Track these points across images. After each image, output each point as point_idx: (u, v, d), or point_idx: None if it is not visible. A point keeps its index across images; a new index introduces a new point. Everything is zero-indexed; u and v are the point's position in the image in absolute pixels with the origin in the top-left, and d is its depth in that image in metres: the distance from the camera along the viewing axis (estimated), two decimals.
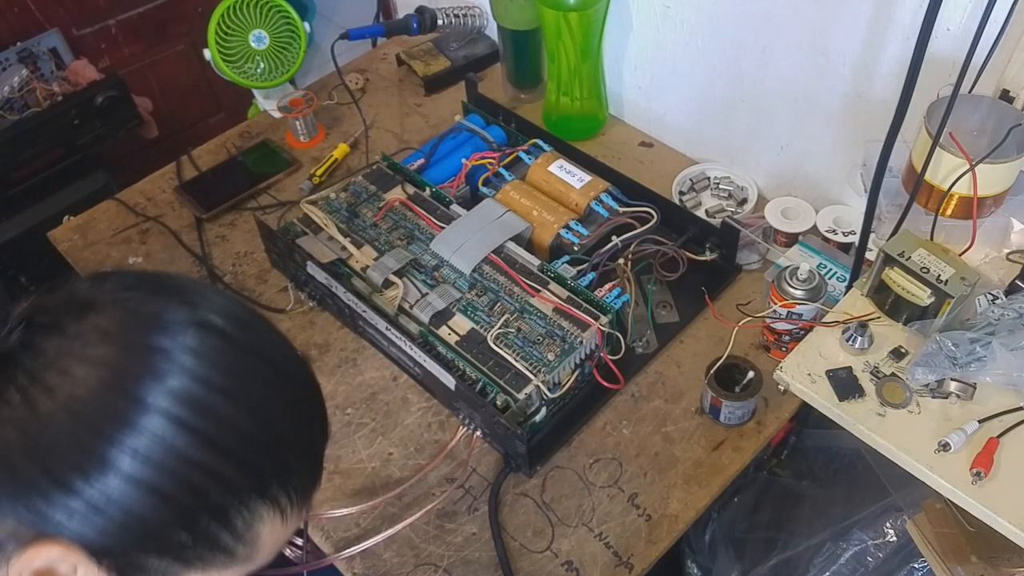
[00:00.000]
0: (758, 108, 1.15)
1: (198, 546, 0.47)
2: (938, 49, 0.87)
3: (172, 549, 0.46)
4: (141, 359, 0.45)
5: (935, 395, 0.76)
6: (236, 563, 0.50)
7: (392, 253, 1.04)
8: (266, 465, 0.48)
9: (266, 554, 0.52)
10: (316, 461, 0.54)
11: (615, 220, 1.11)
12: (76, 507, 0.44)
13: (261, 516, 0.49)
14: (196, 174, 1.31)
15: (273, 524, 0.50)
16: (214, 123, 2.11)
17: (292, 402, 0.51)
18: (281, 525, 0.51)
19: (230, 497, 0.47)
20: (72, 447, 0.44)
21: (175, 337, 0.46)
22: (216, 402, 0.46)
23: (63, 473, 0.43)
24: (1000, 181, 0.80)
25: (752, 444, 0.95)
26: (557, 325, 0.95)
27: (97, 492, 0.43)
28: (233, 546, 0.49)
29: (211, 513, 0.47)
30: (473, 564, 0.88)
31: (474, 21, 1.45)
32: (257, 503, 0.48)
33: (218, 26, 1.28)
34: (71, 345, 0.45)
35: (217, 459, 0.46)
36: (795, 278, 0.93)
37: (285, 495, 0.50)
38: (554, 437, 0.96)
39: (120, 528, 0.44)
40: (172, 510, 0.45)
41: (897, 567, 0.97)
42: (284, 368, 0.51)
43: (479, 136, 1.25)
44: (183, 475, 0.45)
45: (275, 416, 0.49)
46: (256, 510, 0.48)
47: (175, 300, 0.48)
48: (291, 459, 0.50)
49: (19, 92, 1.59)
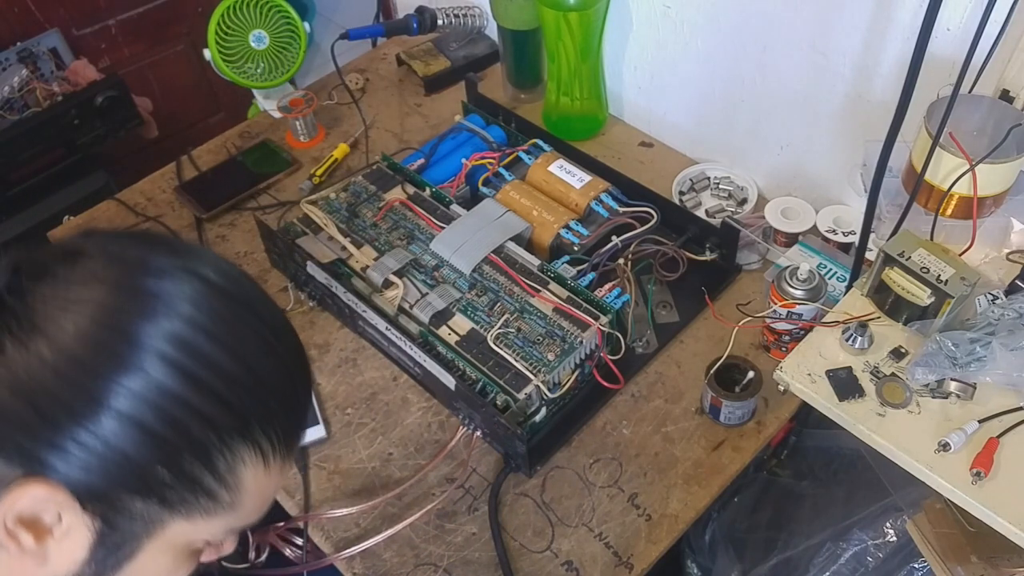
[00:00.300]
0: (758, 108, 1.15)
1: (180, 486, 0.48)
2: (938, 49, 0.87)
3: (155, 490, 0.47)
4: (134, 300, 0.46)
5: (935, 395, 0.76)
6: (220, 509, 0.50)
7: (392, 253, 1.04)
8: (248, 406, 0.49)
9: (251, 506, 0.53)
10: (298, 412, 0.54)
11: (615, 220, 1.11)
12: (62, 444, 0.44)
13: (243, 459, 0.49)
14: (196, 174, 1.31)
15: (256, 469, 0.51)
16: (214, 123, 2.11)
17: (276, 350, 0.52)
18: (264, 472, 0.51)
19: (212, 435, 0.47)
20: (61, 384, 0.44)
21: (167, 281, 0.48)
22: (204, 344, 0.47)
23: (51, 410, 0.44)
24: (1000, 181, 0.80)
25: (752, 444, 0.95)
26: (557, 325, 0.95)
27: (84, 429, 0.44)
28: (216, 489, 0.49)
29: (193, 451, 0.47)
30: (473, 564, 0.88)
31: (474, 21, 1.45)
32: (239, 444, 0.49)
33: (218, 26, 1.28)
34: (63, 288, 0.46)
35: (201, 398, 0.46)
36: (795, 278, 0.93)
37: (267, 439, 0.51)
38: (554, 437, 0.96)
39: (104, 465, 0.45)
40: (156, 448, 0.46)
41: (897, 567, 0.97)
42: (269, 318, 0.52)
43: (479, 136, 1.25)
44: (168, 413, 0.45)
45: (259, 361, 0.50)
46: (238, 452, 0.49)
47: (163, 249, 0.50)
48: (273, 404, 0.51)
49: (19, 92, 1.59)
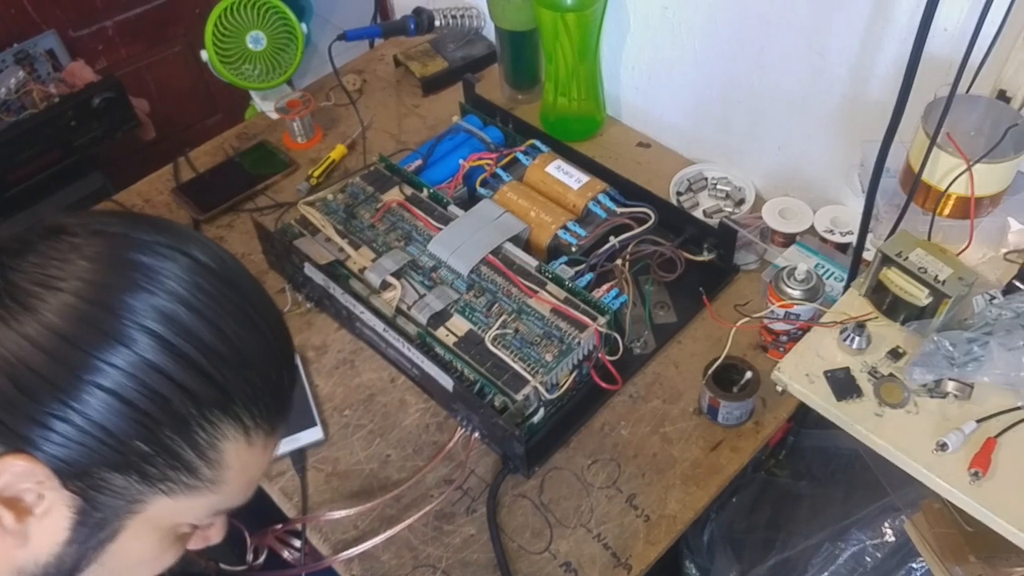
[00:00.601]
0: (755, 108, 1.15)
1: (161, 462, 0.47)
2: (935, 49, 0.87)
3: (136, 466, 0.47)
4: (118, 274, 0.46)
5: (933, 395, 0.76)
6: (203, 486, 0.50)
7: (390, 254, 1.04)
8: (230, 381, 0.49)
9: (235, 484, 0.52)
10: (280, 388, 0.54)
11: (613, 221, 1.11)
12: (44, 420, 0.44)
13: (224, 434, 0.49)
14: (193, 175, 1.31)
15: (238, 445, 0.50)
16: (211, 124, 2.11)
17: (258, 325, 0.51)
18: (247, 448, 0.51)
19: (193, 409, 0.47)
20: (44, 360, 0.44)
21: (149, 255, 0.48)
22: (187, 318, 0.47)
23: (33, 386, 0.44)
24: (997, 181, 0.81)
25: (750, 444, 0.95)
26: (555, 326, 0.94)
27: (66, 405, 0.44)
28: (197, 464, 0.49)
29: (174, 425, 0.47)
30: (472, 565, 0.87)
31: (471, 22, 1.45)
32: (220, 419, 0.49)
33: (215, 27, 1.28)
34: (46, 264, 0.46)
35: (184, 372, 0.46)
36: (793, 278, 0.93)
37: (249, 415, 0.50)
38: (552, 438, 0.96)
39: (86, 441, 0.45)
40: (138, 422, 0.46)
41: (895, 567, 0.97)
42: (251, 294, 0.52)
43: (477, 137, 1.25)
44: (151, 387, 0.45)
45: (241, 336, 0.50)
46: (219, 427, 0.49)
47: (146, 225, 0.50)
48: (255, 379, 0.51)
49: (16, 94, 1.58)
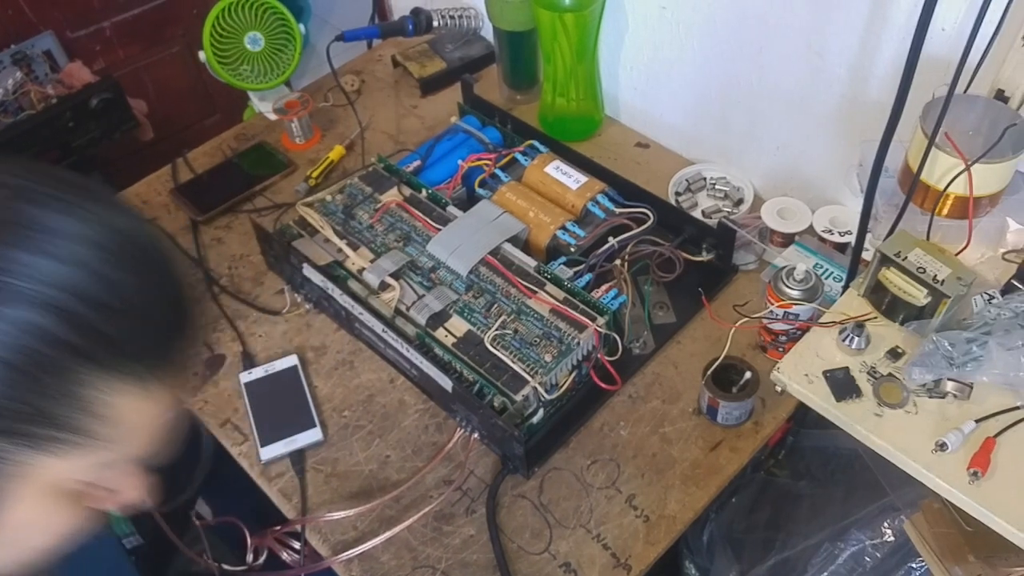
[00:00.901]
0: (754, 108, 1.15)
1: (46, 422, 0.45)
2: (933, 49, 0.87)
3: (18, 429, 0.44)
4: (6, 227, 0.44)
5: (932, 395, 0.76)
6: (97, 443, 0.47)
7: (388, 255, 1.04)
8: (117, 333, 0.46)
9: (135, 438, 0.50)
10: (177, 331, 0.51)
11: (611, 221, 1.11)
12: None
13: (114, 387, 0.46)
14: (192, 176, 1.31)
15: (133, 399, 0.48)
16: (209, 125, 2.11)
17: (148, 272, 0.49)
18: (145, 401, 0.48)
19: (77, 366, 0.45)
20: None
21: (41, 209, 0.45)
22: (71, 273, 0.44)
23: None
24: (995, 181, 0.81)
25: (750, 444, 0.95)
26: (554, 326, 0.94)
27: None
28: (86, 422, 0.46)
29: (59, 384, 0.44)
30: (471, 566, 0.87)
31: (470, 22, 1.45)
32: (109, 374, 0.46)
33: (213, 28, 1.28)
34: None
35: (61, 325, 0.44)
36: (792, 278, 0.93)
37: (143, 365, 0.48)
38: (551, 439, 0.96)
39: None
40: (19, 383, 0.43)
41: (895, 567, 0.97)
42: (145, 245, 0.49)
43: (475, 137, 1.25)
44: (23, 343, 0.43)
45: (131, 285, 0.47)
46: (109, 382, 0.46)
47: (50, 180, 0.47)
48: (150, 330, 0.48)
49: (13, 95, 1.58)
